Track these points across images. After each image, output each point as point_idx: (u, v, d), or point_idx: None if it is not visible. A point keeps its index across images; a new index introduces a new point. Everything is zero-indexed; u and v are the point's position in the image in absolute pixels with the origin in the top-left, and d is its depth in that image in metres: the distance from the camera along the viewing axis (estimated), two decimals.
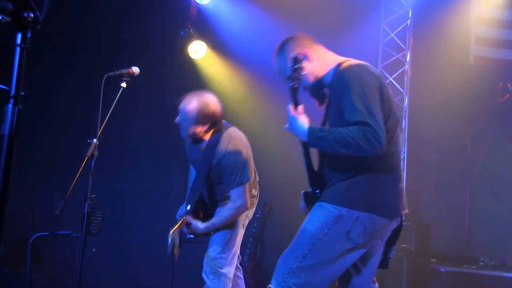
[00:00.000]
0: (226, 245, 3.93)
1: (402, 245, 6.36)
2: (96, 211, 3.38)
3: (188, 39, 7.11)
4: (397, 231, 2.98)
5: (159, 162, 7.46)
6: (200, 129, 3.85)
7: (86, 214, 3.28)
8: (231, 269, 3.98)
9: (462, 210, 6.85)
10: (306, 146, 2.88)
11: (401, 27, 7.42)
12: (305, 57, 2.94)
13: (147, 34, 7.34)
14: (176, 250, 3.94)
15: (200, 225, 3.89)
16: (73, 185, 3.24)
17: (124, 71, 3.60)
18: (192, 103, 3.90)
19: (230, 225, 3.93)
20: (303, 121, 2.83)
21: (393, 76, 7.46)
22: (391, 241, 3.00)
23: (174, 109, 7.22)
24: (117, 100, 3.51)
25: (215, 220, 3.88)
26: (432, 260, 6.31)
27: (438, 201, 7.12)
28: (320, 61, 2.98)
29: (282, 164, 6.56)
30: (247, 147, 3.89)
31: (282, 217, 7.23)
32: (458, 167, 7.02)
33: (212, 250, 3.94)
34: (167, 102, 7.58)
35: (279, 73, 3.08)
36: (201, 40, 7.14)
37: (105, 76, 3.42)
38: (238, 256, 4.14)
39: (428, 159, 7.32)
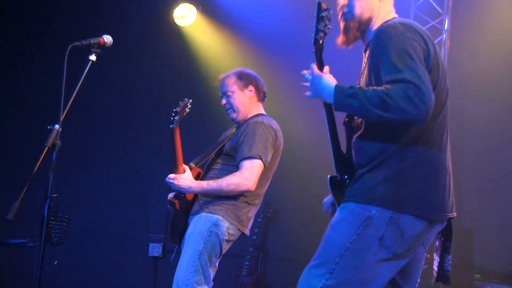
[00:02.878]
0: (199, 263, 3.99)
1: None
2: (59, 215, 3.36)
3: (174, 1, 7.09)
4: (448, 237, 2.95)
5: (137, 155, 7.46)
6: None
7: (45, 218, 3.27)
8: None
9: None
10: (332, 118, 2.89)
11: None
12: None
13: None
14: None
15: (190, 181, 4.09)
16: (29, 182, 3.23)
17: (93, 40, 3.57)
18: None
19: (202, 235, 4.00)
20: (330, 79, 2.82)
21: None
22: (445, 250, 2.97)
23: (157, 88, 7.21)
24: (85, 76, 3.49)
25: (213, 181, 4.10)
26: (476, 276, 6.32)
27: (483, 203, 7.11)
28: (385, 7, 3.01)
29: (290, 157, 6.54)
30: (279, 139, 4.27)
31: (290, 222, 7.24)
32: (507, 162, 7.00)
33: (181, 269, 4.02)
34: (148, 80, 7.62)
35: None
36: (190, 3, 7.11)
37: (70, 46, 3.39)
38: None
39: (470, 152, 7.30)
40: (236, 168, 4.12)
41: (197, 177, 4.24)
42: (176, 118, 4.10)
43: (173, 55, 7.62)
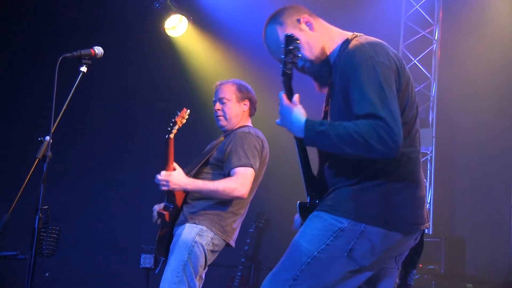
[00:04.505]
0: (184, 273, 3.97)
1: (430, 267, 6.36)
2: (50, 227, 3.35)
3: (165, 12, 7.09)
4: (417, 251, 2.94)
5: (129, 165, 7.45)
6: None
7: (36, 230, 3.26)
8: None
9: (504, 223, 6.86)
10: (302, 144, 2.84)
11: None
12: (309, 24, 2.92)
13: (112, 6, 7.33)
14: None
15: (184, 177, 4.05)
16: (19, 193, 3.22)
17: (84, 52, 3.57)
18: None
19: (187, 246, 3.99)
20: (300, 113, 2.77)
21: (418, 58, 7.46)
22: (411, 264, 2.97)
23: (148, 99, 7.23)
24: (76, 88, 3.48)
25: (209, 181, 4.08)
26: (468, 285, 6.32)
27: (474, 212, 7.13)
28: (325, 33, 2.96)
29: (281, 166, 6.55)
30: (265, 149, 4.27)
31: (282, 232, 7.21)
32: (498, 171, 7.02)
33: (166, 280, 3.99)
34: (140, 91, 7.62)
35: (270, 51, 3.04)
36: (181, 14, 7.12)
37: (60, 57, 3.39)
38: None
39: (461, 161, 7.32)
40: (223, 177, 4.12)
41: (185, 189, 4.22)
42: (174, 127, 4.10)
43: (165, 66, 7.62)
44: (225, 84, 4.37)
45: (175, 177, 4.03)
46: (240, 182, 4.03)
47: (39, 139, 3.33)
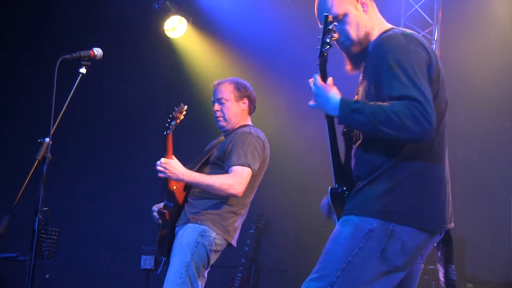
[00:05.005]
0: (187, 274, 3.98)
1: (429, 267, 6.35)
2: (50, 228, 3.35)
3: (164, 13, 7.09)
4: (448, 247, 2.96)
5: (128, 166, 7.45)
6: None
7: (36, 231, 3.26)
8: None
9: (504, 222, 6.85)
10: (333, 129, 2.87)
11: None
12: (364, 5, 2.94)
13: (112, 7, 7.33)
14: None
15: (182, 168, 4.04)
16: (19, 195, 3.22)
17: (83, 53, 3.57)
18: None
19: (189, 246, 3.99)
20: (334, 93, 2.78)
21: None
22: (447, 260, 2.98)
23: (148, 100, 7.23)
24: (75, 89, 3.48)
25: (206, 175, 4.07)
26: (468, 285, 6.32)
27: (474, 211, 7.11)
28: (374, 19, 2.98)
29: (282, 167, 6.55)
30: (266, 150, 4.27)
31: (282, 233, 7.23)
32: (498, 171, 7.02)
33: (169, 281, 4.00)
34: (139, 92, 7.61)
35: (322, 10, 2.96)
36: (180, 15, 7.12)
37: (60, 59, 3.39)
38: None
39: (460, 161, 7.31)
40: None
41: (185, 188, 4.22)
42: (172, 123, 4.08)
43: (164, 67, 7.62)
44: (223, 83, 4.36)
45: (173, 165, 4.01)
46: (237, 180, 4.02)
47: (39, 140, 3.33)
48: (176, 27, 7.17)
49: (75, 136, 7.11)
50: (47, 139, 3.34)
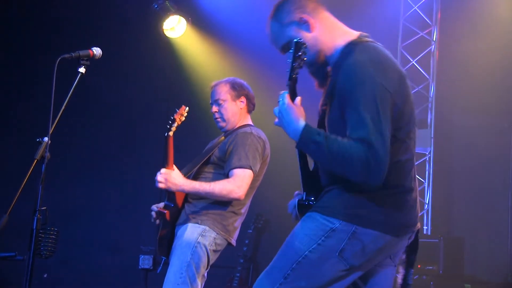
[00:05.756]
0: (187, 274, 3.98)
1: (428, 267, 6.36)
2: (48, 228, 3.35)
3: (164, 13, 7.09)
4: (413, 250, 2.96)
5: (127, 167, 7.44)
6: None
7: (34, 231, 3.25)
8: None
9: (502, 223, 6.86)
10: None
11: None
12: (307, 25, 2.92)
13: (111, 7, 7.32)
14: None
15: (181, 178, 4.04)
16: (18, 195, 3.21)
17: (82, 53, 3.56)
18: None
19: (189, 246, 3.99)
20: (299, 115, 2.77)
21: (416, 59, 7.46)
22: (409, 263, 2.99)
23: (147, 100, 7.23)
24: (74, 88, 3.48)
25: (205, 183, 4.06)
26: (466, 285, 6.32)
27: (473, 212, 7.12)
28: (327, 32, 2.95)
29: (281, 167, 6.54)
30: (267, 150, 4.27)
31: (280, 233, 7.19)
32: (497, 171, 7.02)
33: (169, 281, 4.00)
34: (138, 92, 7.61)
35: (272, 42, 3.05)
36: (180, 15, 7.12)
37: (59, 58, 3.39)
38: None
39: (459, 161, 7.32)
40: (224, 177, 4.11)
41: None
42: (173, 125, 4.08)
43: (163, 67, 7.62)
44: (219, 84, 4.35)
45: (173, 176, 4.03)
46: (237, 184, 4.02)
47: (38, 140, 3.33)
48: (175, 27, 7.17)
49: (74, 135, 7.11)
50: (46, 139, 3.33)
